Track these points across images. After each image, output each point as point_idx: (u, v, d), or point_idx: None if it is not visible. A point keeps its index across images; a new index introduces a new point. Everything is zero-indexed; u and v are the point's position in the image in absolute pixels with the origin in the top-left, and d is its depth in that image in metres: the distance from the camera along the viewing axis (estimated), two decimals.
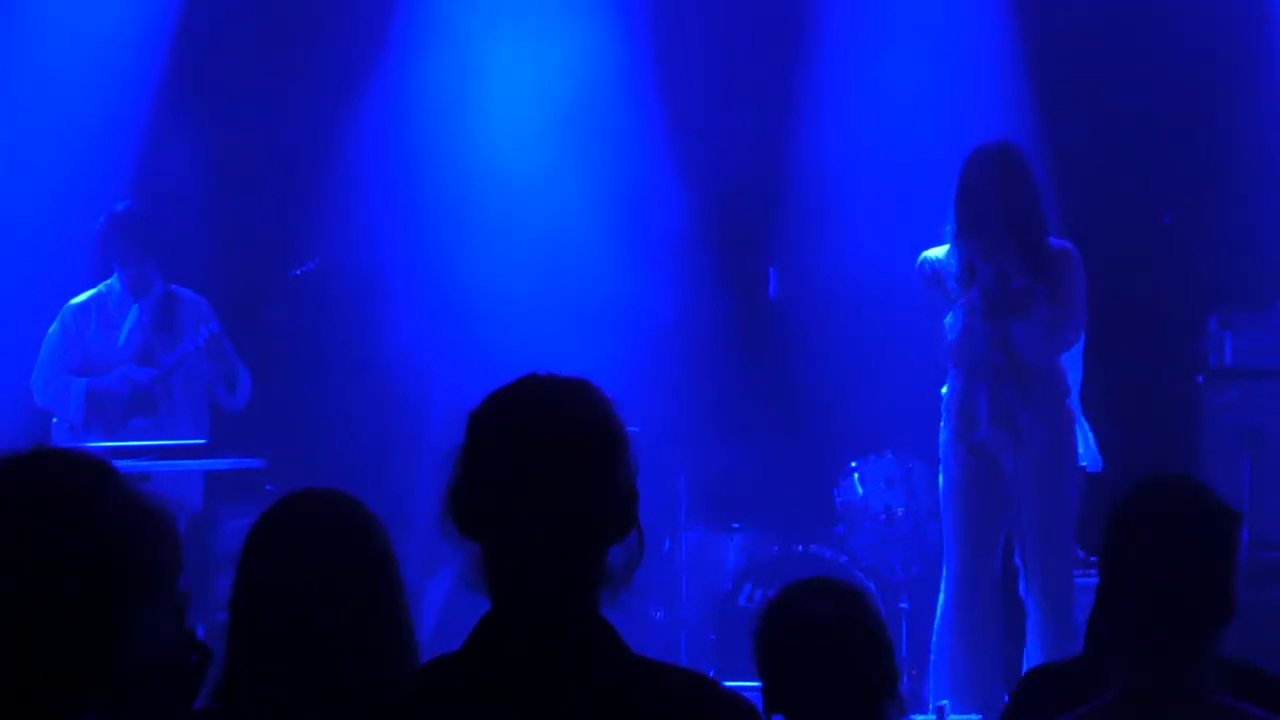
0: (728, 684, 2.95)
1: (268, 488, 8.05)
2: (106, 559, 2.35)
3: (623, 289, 9.29)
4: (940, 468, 7.47)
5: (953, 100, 9.18)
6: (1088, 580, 7.14)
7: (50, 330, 8.75)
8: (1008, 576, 7.44)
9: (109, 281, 8.76)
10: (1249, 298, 8.86)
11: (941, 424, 7.41)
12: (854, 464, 8.73)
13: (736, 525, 8.98)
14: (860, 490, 8.68)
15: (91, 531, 2.35)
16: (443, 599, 8.77)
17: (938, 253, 7.32)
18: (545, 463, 2.76)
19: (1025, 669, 7.07)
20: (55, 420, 8.70)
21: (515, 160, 9.54)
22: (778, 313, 9.05)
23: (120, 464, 7.55)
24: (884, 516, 8.58)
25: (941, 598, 7.38)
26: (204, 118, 9.81)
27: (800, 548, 8.47)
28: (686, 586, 8.72)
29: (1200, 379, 8.63)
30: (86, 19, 9.52)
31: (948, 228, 7.27)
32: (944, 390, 7.44)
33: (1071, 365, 7.57)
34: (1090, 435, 7.76)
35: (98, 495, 2.39)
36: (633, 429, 2.88)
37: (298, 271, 9.09)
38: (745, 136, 9.70)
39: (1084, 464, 7.65)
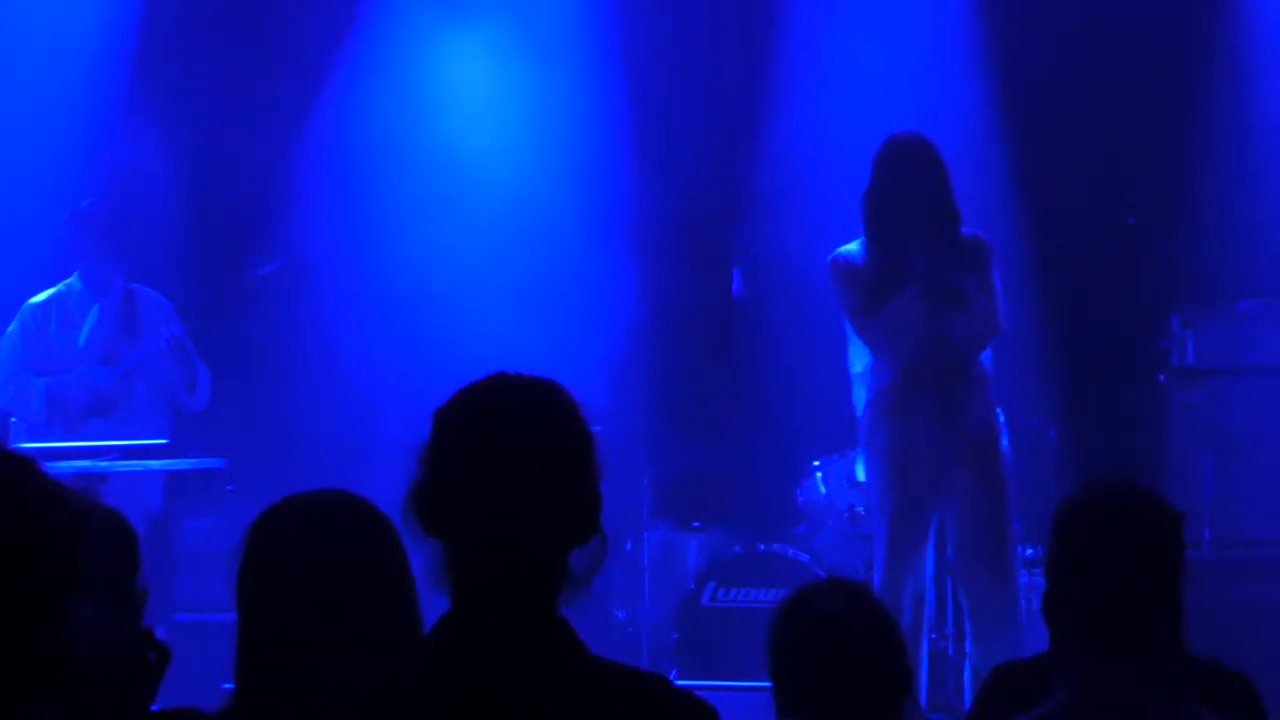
0: (691, 684, 2.94)
1: (228, 488, 8.03)
2: (20, 547, 2.35)
3: (587, 287, 9.29)
4: (865, 455, 7.42)
5: (917, 99, 9.17)
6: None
7: (9, 329, 8.70)
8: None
9: (69, 281, 8.72)
10: (1211, 297, 8.88)
11: (866, 413, 7.34)
12: (817, 463, 8.73)
13: (699, 524, 8.97)
14: (823, 489, 8.68)
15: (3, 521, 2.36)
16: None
17: (853, 247, 7.27)
18: (510, 462, 2.76)
19: (969, 666, 7.09)
20: (14, 420, 8.65)
21: (479, 159, 9.54)
22: (741, 311, 9.04)
23: (80, 464, 7.46)
24: (847, 515, 8.58)
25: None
26: (167, 118, 9.78)
27: (763, 547, 8.46)
28: (649, 586, 8.71)
29: (1163, 378, 8.65)
30: (50, 20, 9.48)
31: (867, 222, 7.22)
32: (855, 370, 7.39)
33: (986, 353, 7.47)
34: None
35: (11, 485, 2.39)
36: (596, 428, 2.87)
37: (260, 271, 9.05)
38: (709, 134, 9.70)
39: None
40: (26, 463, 2.44)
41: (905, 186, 7.08)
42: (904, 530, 7.21)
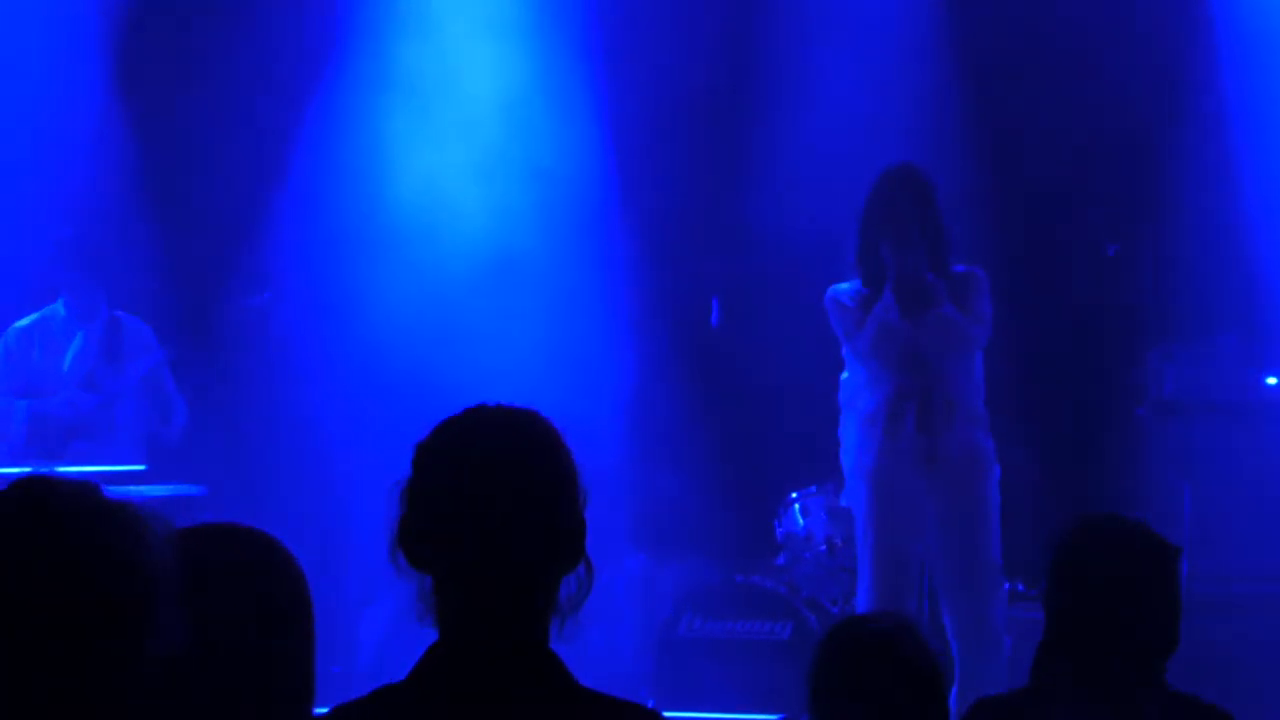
0: (668, 714, 2.94)
1: (205, 515, 8.00)
2: (130, 584, 2.36)
3: (564, 317, 9.29)
4: (849, 479, 7.47)
5: (897, 132, 9.20)
6: (1030, 613, 7.14)
7: None
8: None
9: (54, 306, 8.72)
10: (1189, 331, 8.90)
11: (852, 437, 7.42)
12: (795, 494, 8.73)
13: (676, 554, 8.96)
14: (801, 521, 8.68)
15: (109, 555, 2.36)
16: (382, 629, 8.73)
17: (844, 286, 7.38)
18: (493, 494, 2.76)
19: (954, 693, 7.08)
20: None
21: (460, 190, 9.54)
22: (720, 341, 9.05)
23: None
24: (825, 547, 8.58)
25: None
26: (146, 141, 9.77)
27: (740, 578, 8.45)
28: (626, 615, 8.70)
29: (1140, 411, 8.67)
30: (24, 38, 9.47)
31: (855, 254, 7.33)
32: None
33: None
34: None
35: (92, 519, 2.39)
36: (578, 456, 2.87)
37: (250, 302, 9.06)
38: (689, 163, 9.71)
39: None
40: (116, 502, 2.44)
41: (891, 210, 7.17)
42: (888, 556, 7.27)
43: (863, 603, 7.30)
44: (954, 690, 7.12)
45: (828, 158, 9.29)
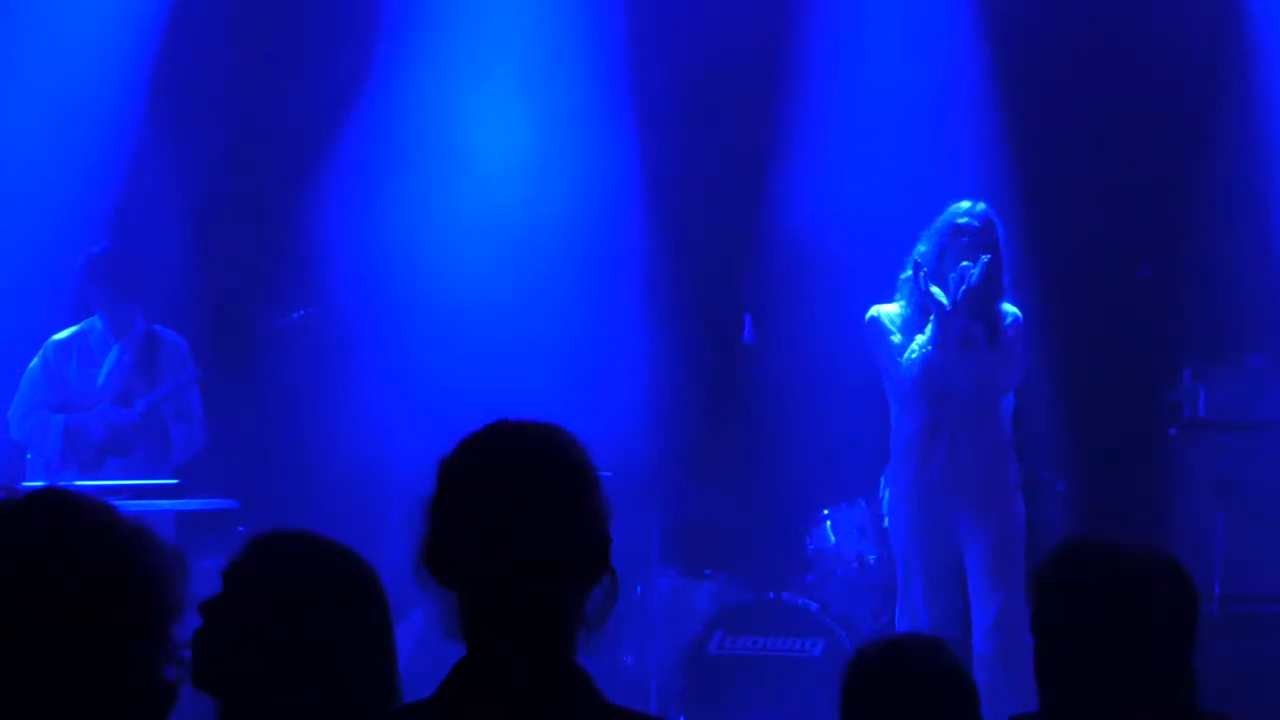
0: None
1: (239, 529, 8.03)
2: (119, 592, 2.38)
3: (596, 333, 9.29)
4: (890, 501, 7.56)
5: (929, 149, 9.20)
6: None
7: (31, 365, 8.72)
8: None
9: (92, 319, 8.75)
10: (1222, 351, 8.88)
11: (891, 461, 7.52)
12: (826, 511, 8.72)
13: (708, 571, 8.96)
14: (833, 538, 8.67)
15: (103, 567, 2.39)
16: (411, 643, 8.74)
17: (889, 309, 7.44)
18: (518, 509, 2.76)
19: None
20: (30, 456, 8.67)
21: (493, 208, 9.55)
22: (752, 357, 9.05)
23: None
24: (856, 565, 8.56)
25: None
26: (180, 156, 9.80)
27: (772, 595, 8.44)
28: (657, 632, 8.69)
29: (1173, 431, 8.65)
30: (64, 51, 9.52)
31: (905, 275, 7.39)
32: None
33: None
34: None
35: (108, 533, 2.42)
36: (605, 474, 2.87)
37: (283, 321, 9.09)
38: (721, 178, 9.71)
39: None
40: (111, 511, 2.46)
41: (954, 248, 7.25)
42: (925, 575, 7.39)
43: (906, 622, 7.37)
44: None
45: (862, 174, 9.29)
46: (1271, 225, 9.21)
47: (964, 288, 7.24)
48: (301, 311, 9.13)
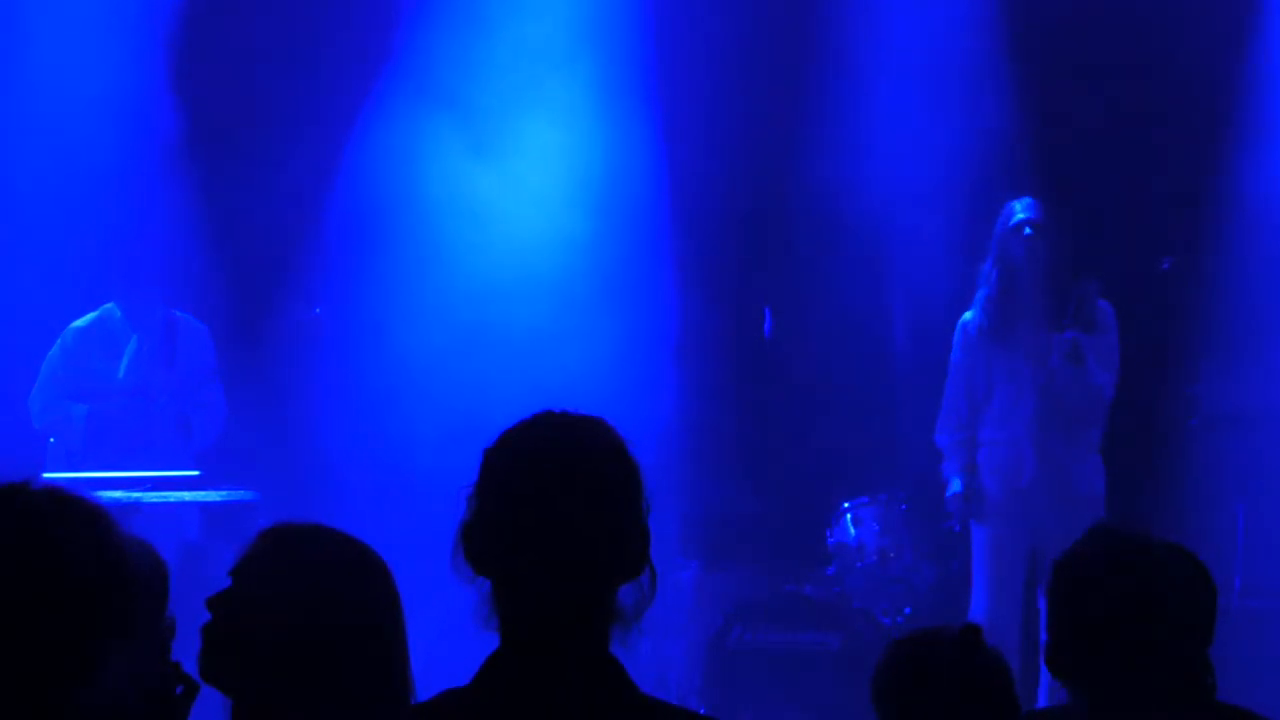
0: None
1: (260, 521, 8.04)
2: (77, 595, 2.37)
3: (617, 325, 9.29)
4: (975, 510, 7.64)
5: (951, 141, 9.19)
6: None
7: (51, 352, 8.72)
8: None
9: (109, 305, 8.74)
10: (1244, 342, 8.86)
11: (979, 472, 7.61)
12: (847, 505, 8.71)
13: (728, 564, 8.96)
14: (853, 531, 8.66)
15: (61, 569, 2.38)
16: (428, 636, 8.74)
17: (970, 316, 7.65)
18: (559, 500, 2.76)
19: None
20: (52, 441, 8.68)
21: (510, 200, 9.55)
22: (773, 352, 9.04)
23: (113, 494, 7.44)
24: (876, 558, 8.56)
25: None
26: (202, 146, 9.81)
27: (792, 588, 8.45)
28: (676, 626, 8.69)
29: (1194, 423, 8.64)
30: (81, 43, 9.53)
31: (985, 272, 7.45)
32: (942, 441, 7.60)
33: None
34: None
35: (71, 534, 2.41)
36: (641, 464, 2.88)
37: (302, 317, 9.10)
38: (742, 173, 9.70)
39: None
40: (84, 510, 2.45)
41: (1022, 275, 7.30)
42: (1001, 575, 7.54)
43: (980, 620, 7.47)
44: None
45: (881, 167, 9.28)
46: None
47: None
48: (317, 308, 9.12)
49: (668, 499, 8.61)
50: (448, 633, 8.87)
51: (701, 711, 8.05)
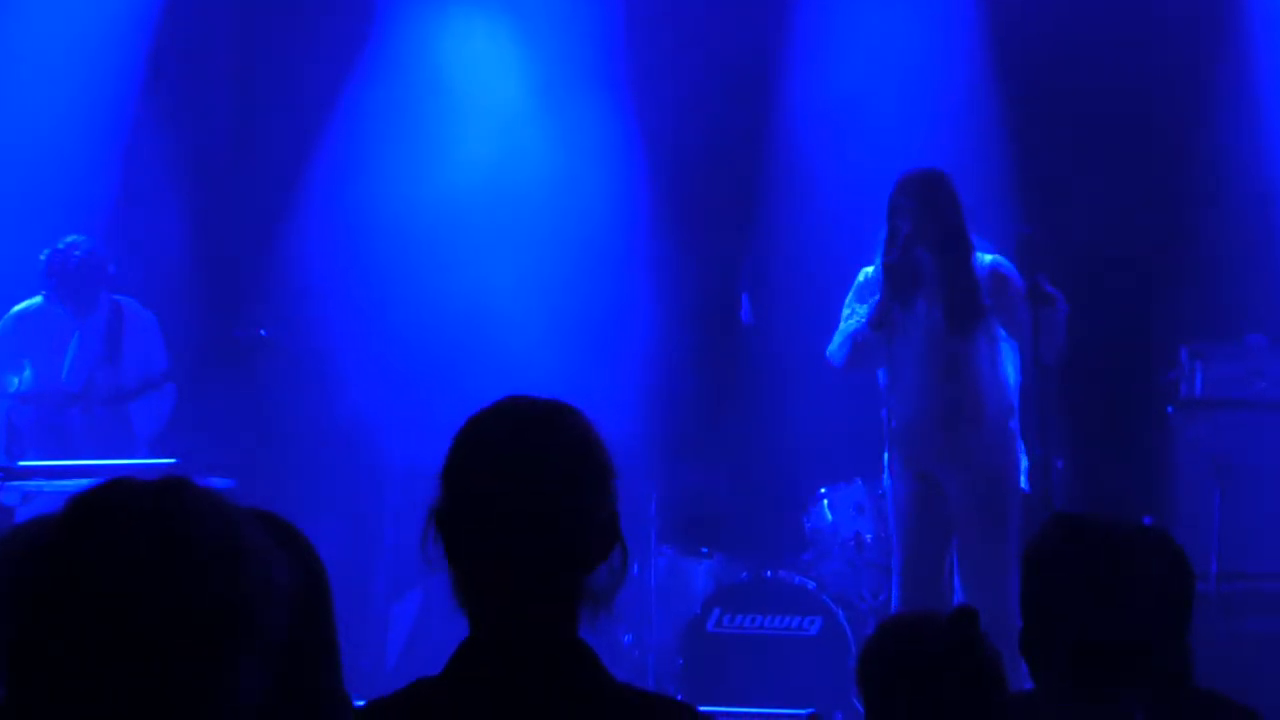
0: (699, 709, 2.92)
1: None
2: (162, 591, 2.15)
3: (593, 312, 9.30)
4: (885, 488, 7.61)
5: (928, 129, 9.20)
6: None
7: None
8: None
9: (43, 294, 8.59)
10: (1220, 330, 8.88)
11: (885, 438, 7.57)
12: (823, 490, 8.73)
13: (705, 550, 8.96)
14: (830, 516, 8.68)
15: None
16: (409, 623, 8.74)
17: (869, 270, 7.59)
18: (526, 484, 2.75)
19: None
20: None
21: (487, 188, 9.55)
22: (749, 337, 9.04)
23: (79, 483, 7.45)
24: (853, 543, 8.57)
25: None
26: (178, 137, 9.80)
27: (769, 573, 8.46)
28: (655, 610, 8.70)
29: (1171, 410, 8.65)
30: (58, 39, 9.51)
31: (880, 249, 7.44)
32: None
33: (1013, 386, 7.63)
34: (1024, 458, 7.73)
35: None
36: (610, 448, 2.87)
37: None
38: (718, 160, 9.71)
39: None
40: (183, 488, 2.32)
41: (913, 224, 7.25)
42: (917, 556, 7.40)
43: (896, 598, 7.43)
44: None
45: (858, 154, 9.29)
46: (1271, 204, 9.21)
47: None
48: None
49: (644, 485, 8.63)
50: (430, 621, 8.89)
51: (679, 697, 8.05)
